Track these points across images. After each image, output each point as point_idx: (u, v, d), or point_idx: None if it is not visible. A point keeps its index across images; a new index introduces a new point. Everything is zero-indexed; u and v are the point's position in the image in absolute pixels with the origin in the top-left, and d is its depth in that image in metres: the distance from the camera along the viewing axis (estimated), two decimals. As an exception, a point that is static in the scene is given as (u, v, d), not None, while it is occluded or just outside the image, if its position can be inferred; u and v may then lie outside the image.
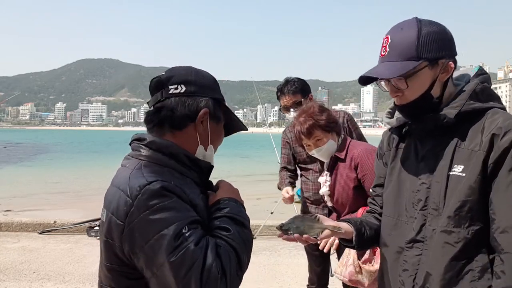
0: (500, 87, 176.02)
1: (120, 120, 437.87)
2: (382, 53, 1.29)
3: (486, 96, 1.29)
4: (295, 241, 1.42)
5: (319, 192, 2.64)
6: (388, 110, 1.52)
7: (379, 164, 1.54)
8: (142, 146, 1.17)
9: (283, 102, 3.05)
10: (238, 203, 1.20)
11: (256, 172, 19.12)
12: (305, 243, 1.44)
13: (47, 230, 6.28)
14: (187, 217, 1.05)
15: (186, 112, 1.19)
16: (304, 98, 3.01)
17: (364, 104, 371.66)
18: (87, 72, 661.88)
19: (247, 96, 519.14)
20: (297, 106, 2.96)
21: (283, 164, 3.18)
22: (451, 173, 1.24)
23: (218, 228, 1.11)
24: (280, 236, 1.41)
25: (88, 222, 6.29)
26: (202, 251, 1.01)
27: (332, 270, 3.47)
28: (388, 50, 1.28)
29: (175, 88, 1.19)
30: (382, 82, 1.33)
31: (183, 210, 1.06)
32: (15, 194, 12.34)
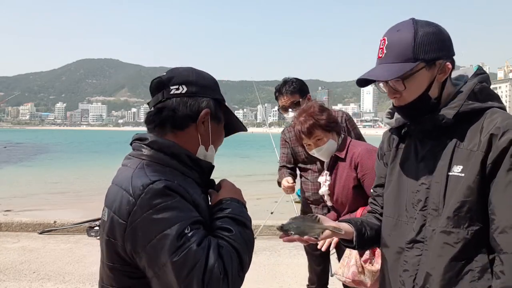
0: (500, 87, 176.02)
1: (120, 120, 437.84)
2: (380, 54, 1.30)
3: (484, 95, 1.29)
4: (295, 241, 1.42)
5: (318, 192, 2.64)
6: (388, 111, 1.52)
7: (379, 165, 1.55)
8: (144, 146, 1.17)
9: (281, 102, 3.06)
10: (240, 203, 1.21)
11: (256, 172, 19.12)
12: (305, 243, 1.44)
13: (47, 230, 6.28)
14: (189, 217, 1.05)
15: (188, 112, 1.19)
16: (303, 98, 3.01)
17: (364, 104, 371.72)
18: (87, 72, 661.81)
19: (247, 96, 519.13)
20: (295, 106, 2.97)
21: (282, 163, 3.19)
22: (450, 173, 1.25)
23: (220, 228, 1.11)
24: (281, 237, 1.41)
25: (88, 222, 6.30)
26: (204, 251, 1.01)
27: (332, 271, 3.47)
28: (385, 51, 1.28)
29: (177, 89, 1.20)
30: (380, 83, 1.33)
31: (186, 210, 1.06)
32: (15, 194, 12.35)
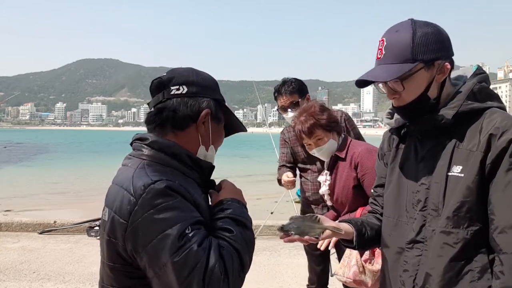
0: (500, 87, 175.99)
1: (120, 120, 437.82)
2: (378, 55, 1.30)
3: (484, 95, 1.29)
4: (296, 241, 1.43)
5: (318, 192, 2.64)
6: (388, 111, 1.52)
7: (380, 165, 1.55)
8: (144, 146, 1.18)
9: (280, 102, 3.06)
10: (240, 204, 1.21)
11: (256, 172, 19.12)
12: (306, 243, 1.44)
13: (47, 230, 6.28)
14: (190, 217, 1.05)
15: (188, 112, 1.19)
16: (302, 99, 3.02)
17: (364, 104, 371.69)
18: (87, 72, 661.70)
19: (247, 96, 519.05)
20: (294, 106, 2.97)
21: (282, 162, 3.19)
22: (450, 173, 1.25)
23: (221, 229, 1.11)
24: (281, 237, 1.41)
25: (88, 222, 6.30)
26: (205, 251, 1.01)
27: (332, 271, 3.47)
28: (384, 52, 1.28)
29: (177, 89, 1.20)
30: (379, 84, 1.34)
31: (187, 210, 1.06)
32: (15, 194, 12.35)
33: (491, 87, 1.35)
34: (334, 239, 2.13)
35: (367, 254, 2.18)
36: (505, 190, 1.16)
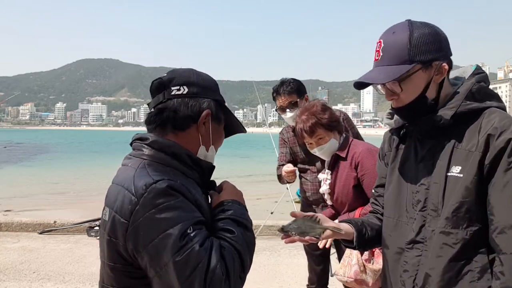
0: (500, 87, 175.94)
1: (120, 120, 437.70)
2: (376, 57, 1.30)
3: (482, 95, 1.29)
4: (297, 241, 1.43)
5: (318, 192, 2.64)
6: (388, 111, 1.52)
7: (381, 165, 1.55)
8: (145, 146, 1.18)
9: (279, 102, 3.06)
10: (241, 206, 1.21)
11: (256, 172, 19.11)
12: (306, 243, 1.44)
13: (47, 230, 6.28)
14: (192, 217, 1.05)
15: (189, 113, 1.20)
16: (300, 99, 3.02)
17: (364, 104, 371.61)
18: (87, 72, 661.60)
19: (247, 96, 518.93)
20: (293, 106, 2.98)
21: (281, 162, 3.19)
22: (449, 174, 1.25)
23: (222, 230, 1.11)
24: (282, 238, 1.41)
25: (88, 222, 6.30)
26: (206, 252, 1.01)
27: (332, 271, 3.47)
28: (381, 54, 1.28)
29: (178, 90, 1.20)
30: (378, 85, 1.34)
31: (189, 210, 1.06)
32: (15, 194, 12.34)
33: (491, 87, 1.35)
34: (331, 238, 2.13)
35: (366, 254, 2.18)
36: (503, 190, 1.16)
